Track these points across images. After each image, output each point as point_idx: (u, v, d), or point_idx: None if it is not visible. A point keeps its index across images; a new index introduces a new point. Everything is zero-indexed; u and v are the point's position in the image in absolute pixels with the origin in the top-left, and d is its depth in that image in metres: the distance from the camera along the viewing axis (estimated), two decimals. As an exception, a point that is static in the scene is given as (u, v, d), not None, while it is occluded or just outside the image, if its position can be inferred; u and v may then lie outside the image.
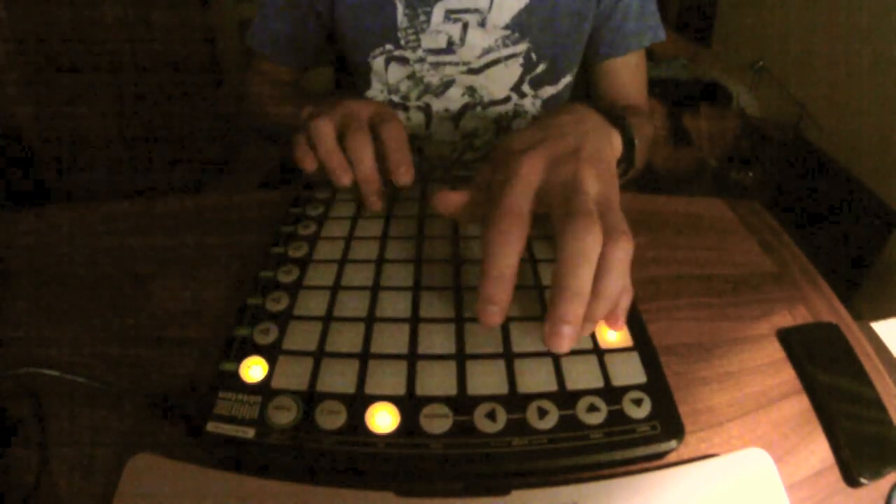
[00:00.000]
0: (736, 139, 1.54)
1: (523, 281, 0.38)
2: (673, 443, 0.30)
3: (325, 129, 0.42)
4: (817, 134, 1.41)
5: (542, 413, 0.30)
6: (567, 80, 0.69)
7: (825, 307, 0.44)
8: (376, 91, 0.67)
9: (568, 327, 0.28)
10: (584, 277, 0.29)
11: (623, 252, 0.29)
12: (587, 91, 0.72)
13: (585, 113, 0.39)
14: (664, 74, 1.76)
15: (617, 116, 0.41)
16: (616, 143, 0.39)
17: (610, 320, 0.33)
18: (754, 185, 1.50)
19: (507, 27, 0.62)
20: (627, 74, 0.68)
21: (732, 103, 1.62)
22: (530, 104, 0.69)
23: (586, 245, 0.29)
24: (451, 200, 0.37)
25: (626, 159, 0.41)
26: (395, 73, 0.65)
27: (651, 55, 1.75)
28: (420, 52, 0.63)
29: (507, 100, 0.68)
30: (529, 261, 0.40)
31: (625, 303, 0.32)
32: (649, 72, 0.71)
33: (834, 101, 1.37)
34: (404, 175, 0.42)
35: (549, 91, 0.69)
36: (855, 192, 1.29)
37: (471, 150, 0.71)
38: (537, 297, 0.37)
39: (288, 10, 0.64)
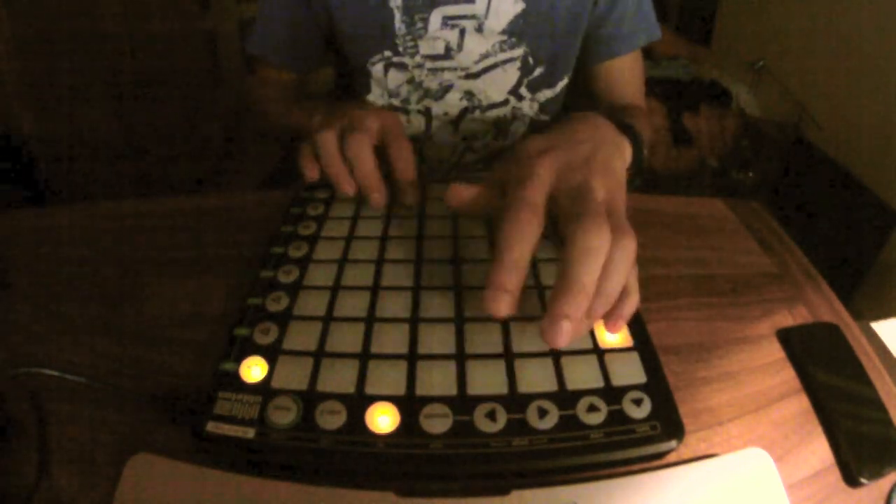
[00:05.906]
0: (736, 139, 1.54)
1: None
2: (673, 443, 0.30)
3: (329, 141, 0.43)
4: (817, 134, 1.41)
5: (542, 413, 0.30)
6: (564, 82, 0.69)
7: (825, 307, 0.44)
8: (376, 96, 0.67)
9: (568, 322, 0.28)
10: (592, 274, 0.29)
11: (627, 251, 0.30)
12: (583, 92, 0.72)
13: (599, 123, 0.40)
14: (664, 74, 1.75)
15: (627, 126, 0.43)
16: (626, 152, 0.41)
17: (610, 324, 0.33)
18: (754, 185, 1.50)
19: (503, 32, 0.62)
20: (625, 75, 0.68)
21: (732, 103, 1.62)
22: (528, 107, 0.69)
23: (596, 242, 0.29)
24: (463, 194, 0.39)
25: (635, 166, 0.43)
26: (395, 78, 0.65)
27: (651, 55, 1.75)
28: (418, 58, 0.63)
29: (505, 103, 0.68)
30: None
31: (629, 308, 0.33)
32: (649, 72, 0.71)
33: (834, 101, 1.37)
34: (411, 197, 0.45)
35: (546, 94, 0.69)
36: (855, 192, 1.29)
37: (470, 151, 0.71)
38: (537, 297, 0.37)
39: (286, 17, 0.64)
